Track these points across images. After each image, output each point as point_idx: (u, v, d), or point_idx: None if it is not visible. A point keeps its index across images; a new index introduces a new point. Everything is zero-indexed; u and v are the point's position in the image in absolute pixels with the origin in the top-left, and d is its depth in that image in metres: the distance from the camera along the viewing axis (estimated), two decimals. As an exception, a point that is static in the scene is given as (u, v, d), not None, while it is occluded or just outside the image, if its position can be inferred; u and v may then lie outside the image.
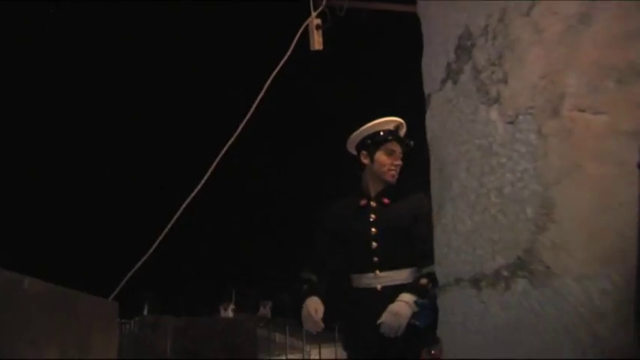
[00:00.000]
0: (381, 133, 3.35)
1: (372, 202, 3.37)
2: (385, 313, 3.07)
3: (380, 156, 3.34)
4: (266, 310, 31.98)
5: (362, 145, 3.40)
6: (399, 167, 3.35)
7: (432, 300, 2.57)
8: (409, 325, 3.01)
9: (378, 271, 3.24)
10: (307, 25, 3.57)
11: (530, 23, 1.41)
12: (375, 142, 3.34)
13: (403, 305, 3.05)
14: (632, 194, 1.17)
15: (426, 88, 1.84)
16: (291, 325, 30.20)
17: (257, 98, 3.34)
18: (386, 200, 3.35)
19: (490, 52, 1.52)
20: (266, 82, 3.42)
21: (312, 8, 3.60)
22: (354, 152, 3.48)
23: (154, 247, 3.20)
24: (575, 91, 1.31)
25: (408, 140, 3.39)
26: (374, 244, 3.27)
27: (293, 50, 3.42)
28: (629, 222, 1.15)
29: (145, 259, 3.21)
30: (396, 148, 3.36)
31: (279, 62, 3.40)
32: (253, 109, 3.41)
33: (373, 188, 3.39)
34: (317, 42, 3.54)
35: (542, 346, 1.25)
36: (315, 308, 3.21)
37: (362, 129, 3.39)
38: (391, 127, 3.36)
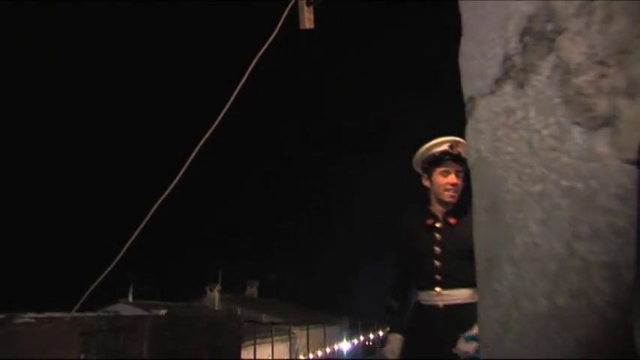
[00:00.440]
0: (436, 154, 3.40)
1: (437, 222, 3.44)
2: (460, 342, 3.11)
3: (436, 177, 3.41)
4: (252, 290, 32.05)
5: (422, 168, 3.50)
6: (457, 186, 3.38)
7: None
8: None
9: (440, 289, 3.32)
10: (296, 1, 3.31)
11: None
12: (430, 164, 3.42)
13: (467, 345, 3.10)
14: None
15: (467, 88, 1.38)
16: (277, 305, 30.35)
17: (247, 72, 3.21)
18: (452, 220, 3.40)
19: (595, 43, 1.04)
20: (253, 62, 3.28)
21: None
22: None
23: (140, 229, 3.12)
24: None
25: (463, 158, 3.29)
26: (437, 263, 3.34)
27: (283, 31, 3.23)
28: None
29: (131, 242, 3.14)
30: (452, 168, 3.38)
31: (268, 43, 3.25)
32: (240, 87, 3.28)
33: (438, 208, 3.46)
34: (307, 20, 3.21)
35: None
36: (392, 348, 3.42)
37: (419, 152, 3.48)
38: (445, 147, 3.38)
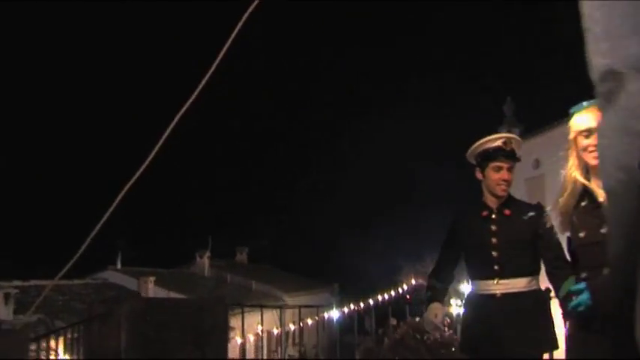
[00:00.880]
0: (490, 150, 3.54)
1: (492, 214, 3.56)
2: None
3: (489, 172, 3.53)
4: (242, 256, 31.97)
5: (476, 161, 3.63)
6: (508, 182, 3.51)
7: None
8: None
9: (498, 279, 3.42)
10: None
11: None
12: (484, 159, 3.55)
13: None
14: None
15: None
16: (267, 271, 30.31)
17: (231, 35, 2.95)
18: (507, 212, 3.53)
19: None
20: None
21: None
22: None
23: (124, 192, 2.94)
24: None
25: (517, 155, 3.57)
26: (494, 254, 3.45)
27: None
28: None
29: (116, 208, 2.95)
30: (504, 164, 3.51)
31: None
32: (224, 51, 3.02)
33: (491, 201, 3.58)
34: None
35: None
36: (435, 313, 3.54)
37: (473, 147, 3.62)
38: (499, 144, 3.52)
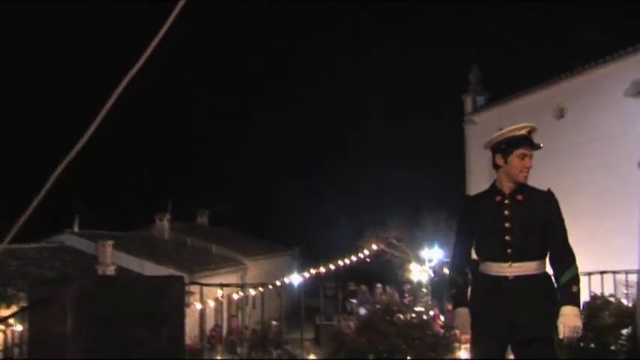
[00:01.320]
0: (516, 138, 3.67)
1: (506, 199, 3.67)
2: (565, 329, 3.45)
3: (513, 159, 3.65)
4: (203, 219, 31.68)
5: (497, 148, 3.71)
6: (528, 168, 3.67)
7: None
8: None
9: (510, 262, 3.55)
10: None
11: None
12: (509, 146, 3.66)
13: (576, 319, 3.47)
14: None
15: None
16: (227, 234, 30.09)
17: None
18: (520, 197, 3.66)
19: None
20: None
21: None
22: (490, 151, 3.82)
23: (75, 153, 2.71)
24: None
25: (538, 144, 3.72)
26: (507, 238, 3.57)
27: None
28: None
29: (69, 164, 2.73)
30: (528, 152, 3.67)
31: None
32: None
33: (507, 186, 3.69)
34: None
35: None
36: (464, 321, 3.66)
37: (498, 133, 3.74)
38: (524, 133, 3.67)
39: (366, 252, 25.26)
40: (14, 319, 6.39)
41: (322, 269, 24.49)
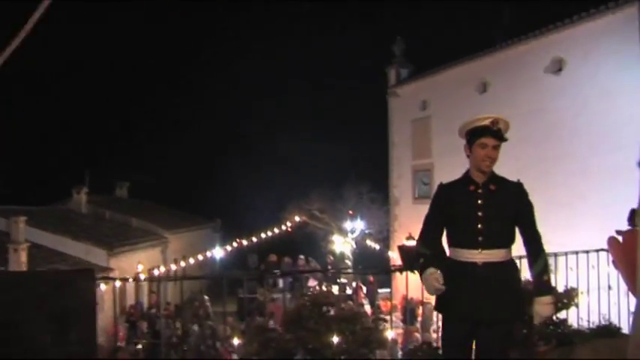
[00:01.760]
0: (477, 128, 3.76)
1: (478, 189, 3.78)
2: (539, 317, 3.78)
3: (475, 148, 3.75)
4: (122, 191, 30.84)
5: (465, 139, 3.83)
6: (492, 158, 3.74)
7: None
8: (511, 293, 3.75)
9: (481, 249, 3.69)
10: None
11: None
12: (472, 136, 3.76)
13: (549, 307, 3.76)
14: None
15: None
16: (148, 207, 29.41)
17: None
18: (492, 187, 3.78)
19: None
20: None
21: None
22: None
23: None
24: None
25: (502, 134, 3.74)
26: (479, 226, 3.70)
27: None
28: None
29: None
30: (489, 142, 3.73)
31: None
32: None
33: (478, 176, 3.80)
34: None
35: None
36: (435, 278, 3.65)
37: (463, 125, 3.82)
38: (487, 123, 3.74)
39: (288, 224, 25.21)
40: None
41: (245, 242, 24.31)
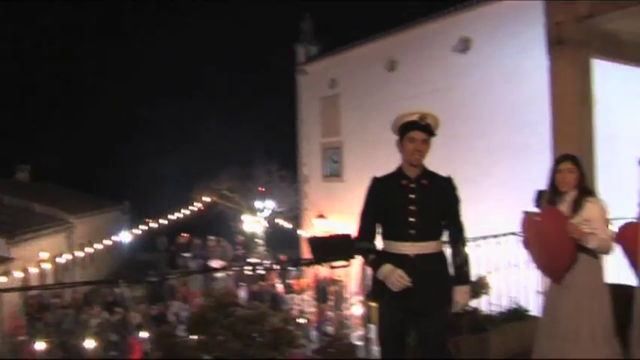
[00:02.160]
0: (406, 123, 3.90)
1: (412, 183, 3.91)
2: (458, 305, 3.96)
3: (405, 142, 3.90)
4: (24, 174, 29.60)
5: (397, 134, 3.94)
6: (421, 152, 3.89)
7: None
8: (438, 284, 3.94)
9: (413, 242, 3.84)
10: None
11: None
12: (402, 130, 3.91)
13: (466, 296, 3.98)
14: None
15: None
16: (51, 190, 28.34)
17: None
18: (424, 182, 3.92)
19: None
20: None
21: None
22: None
23: None
24: None
25: (431, 128, 3.89)
26: (412, 219, 3.85)
27: None
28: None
29: None
30: (418, 136, 3.87)
31: None
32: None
33: (410, 170, 3.94)
34: None
35: None
36: (400, 274, 3.78)
37: (395, 120, 3.94)
38: (415, 118, 3.88)
39: (198, 204, 24.86)
40: None
41: (154, 224, 23.81)
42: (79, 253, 19.06)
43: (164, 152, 32.46)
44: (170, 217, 23.98)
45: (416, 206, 3.87)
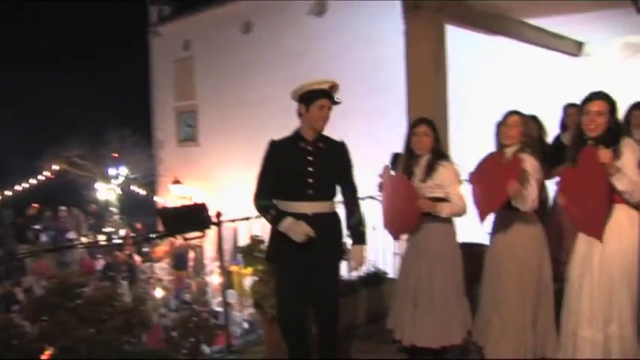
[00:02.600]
0: (318, 91, 4.07)
1: (309, 146, 4.11)
2: (354, 263, 4.28)
3: (314, 109, 4.06)
4: None
5: (301, 98, 4.09)
6: (326, 119, 4.11)
7: None
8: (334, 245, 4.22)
9: (310, 201, 4.05)
10: None
11: None
12: (311, 97, 4.06)
13: (362, 255, 4.26)
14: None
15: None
16: None
17: None
18: (321, 145, 4.14)
19: None
20: None
21: None
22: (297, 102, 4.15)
23: None
24: None
25: (337, 98, 4.13)
26: (310, 180, 4.06)
27: None
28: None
29: None
30: (327, 104, 4.09)
31: None
32: None
33: (309, 134, 4.12)
34: None
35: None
36: (302, 224, 3.99)
37: (303, 85, 4.08)
38: (326, 87, 4.09)
39: (47, 173, 23.55)
40: None
41: (-4, 195, 22.32)
42: None
43: (5, 120, 30.33)
44: (17, 187, 22.55)
45: (314, 167, 4.08)
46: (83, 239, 18.60)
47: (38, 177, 23.28)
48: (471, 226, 4.85)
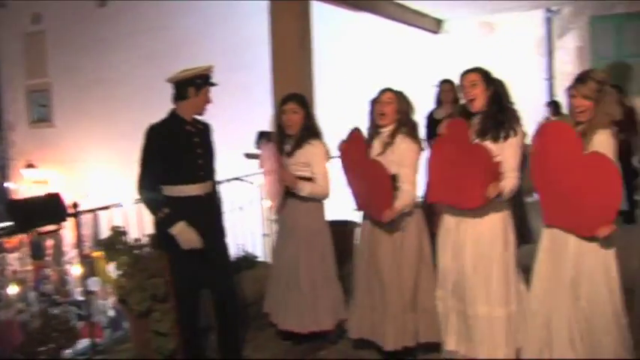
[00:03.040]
0: (208, 76, 4.14)
1: (194, 128, 4.15)
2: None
3: (204, 93, 4.12)
4: None
5: (191, 82, 4.07)
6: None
7: None
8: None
9: (202, 183, 4.10)
10: None
11: None
12: (204, 82, 4.11)
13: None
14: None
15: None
16: None
17: None
18: (200, 126, 4.21)
19: None
20: None
21: None
22: (174, 83, 4.12)
23: None
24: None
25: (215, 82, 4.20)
26: (200, 161, 4.12)
27: None
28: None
29: None
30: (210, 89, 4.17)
31: None
32: None
33: (189, 116, 4.14)
34: None
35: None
36: (192, 233, 3.95)
37: (196, 68, 4.09)
38: (210, 73, 4.16)
39: None
40: None
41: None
42: None
43: None
44: None
45: (201, 149, 4.15)
46: None
47: None
48: (341, 204, 4.80)
